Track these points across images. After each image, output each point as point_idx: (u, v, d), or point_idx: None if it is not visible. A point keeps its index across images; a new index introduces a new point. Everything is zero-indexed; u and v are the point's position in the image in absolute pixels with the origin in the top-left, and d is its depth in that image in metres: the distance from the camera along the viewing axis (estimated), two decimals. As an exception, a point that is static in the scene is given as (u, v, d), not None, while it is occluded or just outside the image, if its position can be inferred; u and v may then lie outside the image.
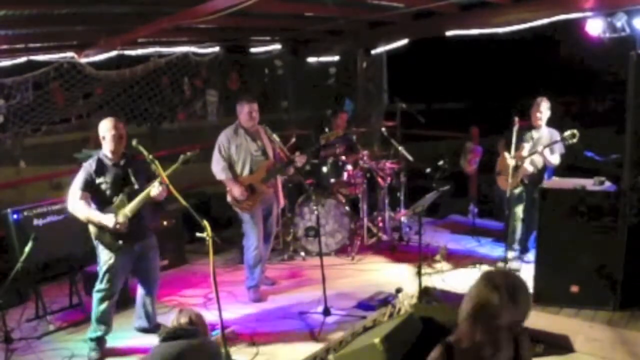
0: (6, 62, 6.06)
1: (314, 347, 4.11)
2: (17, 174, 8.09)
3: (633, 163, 4.33)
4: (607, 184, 4.51)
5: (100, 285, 4.08)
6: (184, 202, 3.60)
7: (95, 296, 4.10)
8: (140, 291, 4.37)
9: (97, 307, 4.10)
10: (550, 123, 5.49)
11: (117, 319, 4.40)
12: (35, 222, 4.69)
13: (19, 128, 6.30)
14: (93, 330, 4.13)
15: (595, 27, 5.08)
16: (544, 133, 5.42)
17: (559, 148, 5.33)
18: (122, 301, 4.52)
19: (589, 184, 4.54)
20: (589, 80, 14.24)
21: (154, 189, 3.92)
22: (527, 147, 5.39)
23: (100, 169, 4.02)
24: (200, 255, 6.05)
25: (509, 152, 5.31)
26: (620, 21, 4.87)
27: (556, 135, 5.39)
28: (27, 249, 4.01)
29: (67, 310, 4.85)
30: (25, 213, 4.66)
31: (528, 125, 5.50)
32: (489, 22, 6.13)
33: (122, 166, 4.08)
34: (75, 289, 4.88)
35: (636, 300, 4.27)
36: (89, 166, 4.02)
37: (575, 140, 5.10)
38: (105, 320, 4.11)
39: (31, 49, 6.01)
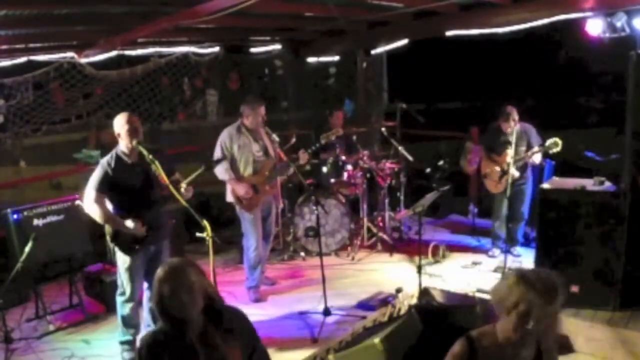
0: (6, 62, 6.05)
1: (314, 347, 4.11)
2: (17, 174, 8.08)
3: (633, 163, 4.33)
4: (607, 184, 4.51)
5: (120, 288, 4.00)
6: (184, 202, 3.59)
7: (118, 300, 4.02)
8: (147, 294, 4.06)
9: (121, 311, 4.02)
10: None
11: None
12: (35, 222, 4.68)
13: (19, 128, 6.29)
14: (122, 333, 4.04)
15: (595, 27, 5.08)
16: (517, 134, 5.40)
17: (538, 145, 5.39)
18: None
19: (589, 184, 4.54)
20: (589, 81, 14.25)
21: (182, 190, 3.79)
22: (510, 152, 5.38)
23: (119, 167, 3.79)
24: (200, 255, 6.03)
25: (491, 157, 5.67)
26: (620, 21, 4.87)
27: (529, 128, 5.52)
28: (27, 249, 4.01)
29: (67, 310, 4.86)
30: (25, 213, 4.65)
31: (497, 127, 5.60)
32: (489, 22, 6.13)
33: (141, 164, 3.81)
34: (75, 289, 4.88)
35: (636, 300, 4.27)
36: (106, 164, 3.78)
37: (558, 149, 5.11)
38: (132, 323, 4.01)
39: (31, 49, 6.01)
